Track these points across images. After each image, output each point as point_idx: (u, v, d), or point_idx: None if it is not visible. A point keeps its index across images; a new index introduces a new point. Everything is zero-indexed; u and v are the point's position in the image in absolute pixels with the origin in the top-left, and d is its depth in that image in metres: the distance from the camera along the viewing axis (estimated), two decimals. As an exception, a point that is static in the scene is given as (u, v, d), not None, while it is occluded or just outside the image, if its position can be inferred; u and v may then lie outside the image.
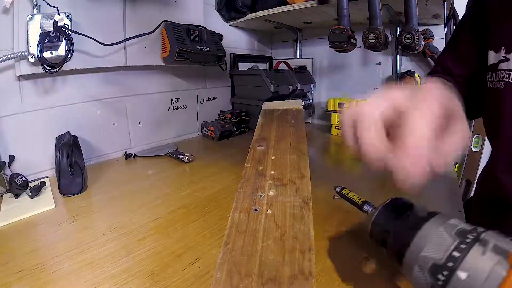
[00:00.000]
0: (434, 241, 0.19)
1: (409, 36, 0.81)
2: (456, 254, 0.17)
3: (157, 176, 0.77)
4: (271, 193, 0.34)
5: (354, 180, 0.76)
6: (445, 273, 0.17)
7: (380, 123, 0.23)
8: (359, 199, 0.38)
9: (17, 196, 0.62)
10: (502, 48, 0.36)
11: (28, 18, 0.66)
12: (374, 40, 0.87)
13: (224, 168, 0.81)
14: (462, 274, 0.16)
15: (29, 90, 0.72)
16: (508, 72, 0.35)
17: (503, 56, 0.36)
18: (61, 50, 0.69)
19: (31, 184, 0.65)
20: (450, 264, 0.17)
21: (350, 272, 0.39)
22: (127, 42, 0.87)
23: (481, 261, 0.16)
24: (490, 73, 0.39)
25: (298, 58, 1.46)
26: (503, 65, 0.36)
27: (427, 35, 1.02)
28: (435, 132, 0.20)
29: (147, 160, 0.90)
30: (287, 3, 1.07)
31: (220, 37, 1.13)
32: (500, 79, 0.36)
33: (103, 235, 0.49)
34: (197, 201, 0.61)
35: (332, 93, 1.38)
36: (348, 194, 0.40)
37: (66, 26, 0.70)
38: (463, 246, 0.17)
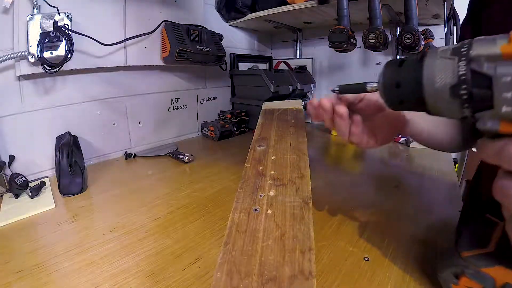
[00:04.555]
0: (440, 69, 0.21)
1: (409, 36, 0.81)
2: (462, 70, 0.20)
3: (157, 176, 0.77)
4: (271, 193, 0.34)
5: (354, 180, 0.76)
6: (464, 86, 0.19)
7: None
8: (359, 83, 0.35)
9: (17, 196, 0.62)
10: None
11: (28, 18, 0.66)
12: (374, 40, 0.87)
13: (224, 168, 0.81)
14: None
15: (29, 90, 0.72)
16: None
17: None
18: (61, 50, 0.69)
19: (31, 184, 0.65)
20: (463, 78, 0.19)
21: (350, 272, 0.39)
22: (127, 42, 0.87)
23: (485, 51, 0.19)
24: None
25: (298, 58, 1.46)
26: None
27: (427, 35, 1.02)
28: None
29: (147, 160, 0.90)
30: (287, 3, 1.07)
31: (220, 37, 1.13)
32: None
33: (103, 235, 0.49)
34: (197, 201, 0.61)
35: (332, 94, 1.37)
36: (346, 85, 0.37)
37: (66, 26, 0.70)
38: (463, 60, 0.20)
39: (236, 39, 1.35)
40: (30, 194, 0.62)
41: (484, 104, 0.19)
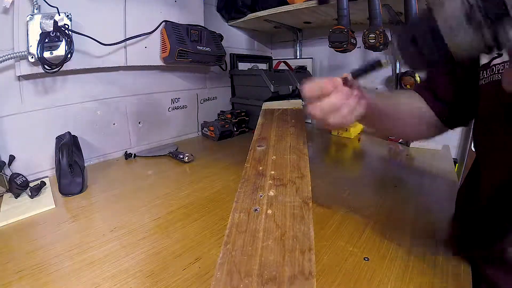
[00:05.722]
0: (449, 6, 0.23)
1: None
2: None
3: (157, 176, 0.77)
4: (271, 193, 0.34)
5: (354, 180, 0.76)
6: (476, 7, 0.21)
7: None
8: (368, 64, 0.35)
9: (17, 196, 0.62)
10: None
11: (28, 18, 0.66)
12: (374, 40, 0.87)
13: (224, 168, 0.81)
14: None
15: (29, 90, 0.72)
16: (503, 64, 0.35)
17: (496, 53, 0.35)
18: (61, 50, 0.69)
19: (31, 184, 0.65)
20: (472, 1, 0.21)
21: (350, 272, 0.39)
22: (127, 42, 0.87)
23: None
24: (482, 71, 0.38)
25: (298, 58, 1.46)
26: (497, 61, 0.36)
27: (427, 35, 1.02)
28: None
29: (147, 160, 0.90)
30: (287, 3, 1.07)
31: (220, 37, 1.13)
32: (496, 72, 0.36)
33: (103, 235, 0.49)
34: (197, 201, 0.61)
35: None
36: (357, 70, 0.37)
37: (66, 26, 0.70)
38: None
39: (236, 39, 1.35)
40: (30, 194, 0.62)
41: (498, 14, 0.20)
